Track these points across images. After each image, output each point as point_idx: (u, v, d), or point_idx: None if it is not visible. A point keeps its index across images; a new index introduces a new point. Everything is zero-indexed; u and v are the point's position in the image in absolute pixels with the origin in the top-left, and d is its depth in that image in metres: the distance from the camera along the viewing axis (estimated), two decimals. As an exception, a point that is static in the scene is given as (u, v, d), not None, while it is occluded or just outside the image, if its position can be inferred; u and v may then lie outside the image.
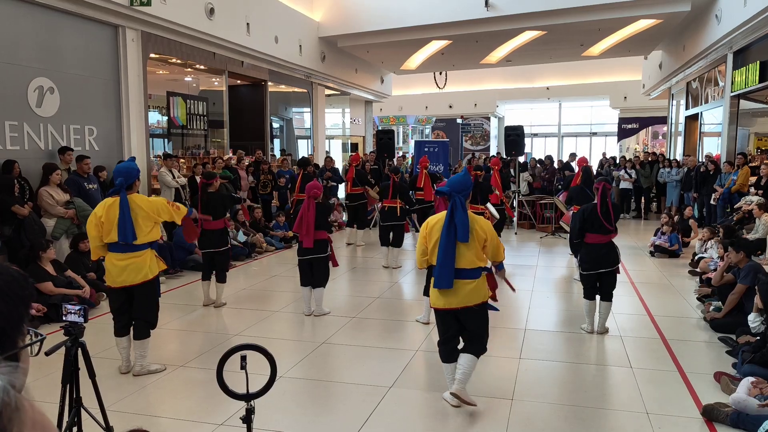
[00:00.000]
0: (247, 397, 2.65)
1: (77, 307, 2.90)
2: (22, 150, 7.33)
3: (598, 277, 5.70)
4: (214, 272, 6.87)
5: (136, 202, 4.55)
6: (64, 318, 2.91)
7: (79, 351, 3.00)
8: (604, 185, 5.72)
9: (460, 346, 4.20)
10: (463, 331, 4.14)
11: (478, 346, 4.12)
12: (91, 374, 3.12)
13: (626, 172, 14.79)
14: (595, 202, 5.73)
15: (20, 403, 0.60)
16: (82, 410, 3.10)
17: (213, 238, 6.79)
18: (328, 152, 9.94)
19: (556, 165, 15.00)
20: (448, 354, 4.15)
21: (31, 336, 1.13)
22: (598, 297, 5.77)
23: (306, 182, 7.22)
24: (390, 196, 9.24)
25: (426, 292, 6.13)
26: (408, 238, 10.68)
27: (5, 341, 0.66)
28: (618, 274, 5.81)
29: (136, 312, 4.67)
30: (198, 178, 9.23)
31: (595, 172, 11.04)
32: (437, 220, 4.11)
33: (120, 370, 4.75)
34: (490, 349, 4.28)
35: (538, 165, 15.35)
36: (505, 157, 15.33)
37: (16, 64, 7.26)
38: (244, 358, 2.58)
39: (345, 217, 12.95)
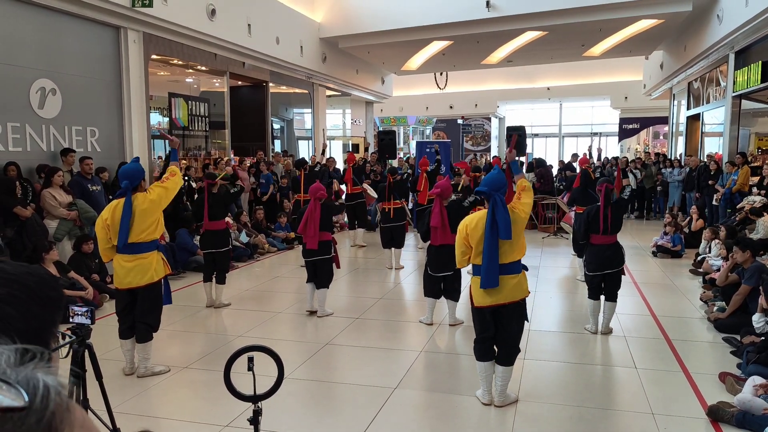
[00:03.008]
0: (255, 399, 2.64)
1: (84, 309, 2.89)
2: (24, 151, 7.33)
3: (602, 277, 5.69)
4: (214, 273, 6.88)
5: (139, 200, 4.54)
6: (71, 320, 2.91)
7: (86, 352, 3.00)
8: (606, 186, 5.70)
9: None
10: (499, 332, 4.10)
11: (512, 350, 4.12)
12: (98, 376, 3.11)
13: (630, 172, 14.70)
14: (599, 204, 5.72)
15: (71, 404, 0.60)
16: (89, 412, 3.09)
17: (214, 238, 6.82)
18: (325, 145, 10.08)
19: (557, 165, 14.97)
20: (485, 352, 4.15)
21: (59, 339, 1.12)
22: (602, 297, 5.77)
23: (308, 182, 7.22)
24: (387, 197, 9.23)
25: (427, 293, 6.12)
26: (409, 239, 10.67)
27: (38, 344, 0.65)
28: (623, 275, 5.81)
29: (138, 314, 4.67)
30: (191, 182, 9.23)
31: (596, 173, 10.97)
32: (474, 219, 4.05)
33: (124, 372, 4.75)
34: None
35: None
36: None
37: (18, 66, 7.26)
38: (251, 360, 2.58)
39: (345, 218, 12.94)
